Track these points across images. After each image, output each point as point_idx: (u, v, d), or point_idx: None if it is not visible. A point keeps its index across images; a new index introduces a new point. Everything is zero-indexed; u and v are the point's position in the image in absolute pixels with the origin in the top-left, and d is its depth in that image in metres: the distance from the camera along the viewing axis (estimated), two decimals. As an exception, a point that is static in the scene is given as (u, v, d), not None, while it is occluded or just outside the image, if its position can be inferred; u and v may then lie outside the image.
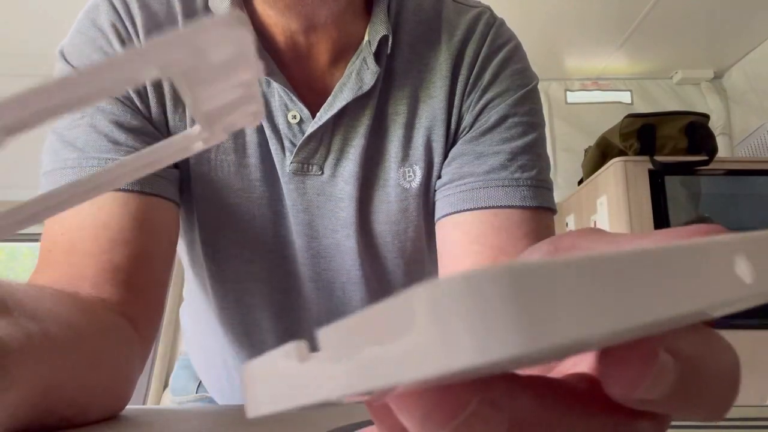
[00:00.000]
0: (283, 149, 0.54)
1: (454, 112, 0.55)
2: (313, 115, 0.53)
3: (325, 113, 0.53)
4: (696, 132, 1.94)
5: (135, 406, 0.49)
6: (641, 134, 1.94)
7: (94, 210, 0.47)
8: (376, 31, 0.53)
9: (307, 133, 0.53)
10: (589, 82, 2.66)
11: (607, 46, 2.42)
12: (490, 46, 0.56)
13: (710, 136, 1.96)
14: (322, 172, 0.55)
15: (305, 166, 0.54)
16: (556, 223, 0.58)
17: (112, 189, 0.15)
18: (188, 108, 0.15)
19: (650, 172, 1.88)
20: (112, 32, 0.51)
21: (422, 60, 0.56)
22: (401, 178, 0.55)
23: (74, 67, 0.51)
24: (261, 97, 0.17)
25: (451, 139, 0.56)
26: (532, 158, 0.54)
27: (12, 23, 2.03)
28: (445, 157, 0.56)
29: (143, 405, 1.73)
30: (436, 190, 0.56)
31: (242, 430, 0.40)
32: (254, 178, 0.55)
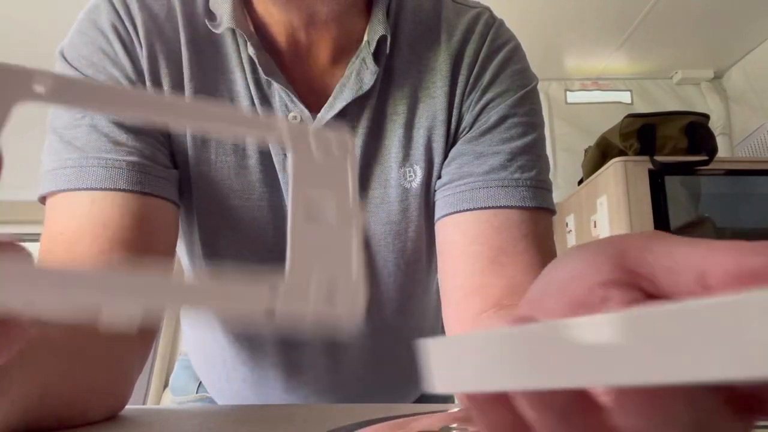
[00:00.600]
0: (283, 150, 0.54)
1: (454, 112, 0.55)
2: (314, 116, 0.53)
3: (326, 114, 0.53)
4: (696, 132, 1.94)
5: (135, 406, 0.49)
6: (641, 134, 1.94)
7: (94, 210, 0.46)
8: (375, 31, 0.53)
9: None
10: (589, 82, 2.66)
11: (606, 46, 2.42)
12: (489, 46, 0.56)
13: (710, 136, 1.97)
14: None
15: None
16: (556, 223, 0.58)
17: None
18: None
19: (650, 172, 1.88)
20: (112, 33, 0.51)
21: (422, 60, 0.56)
22: (402, 178, 0.55)
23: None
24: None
25: (451, 139, 0.56)
26: (532, 159, 0.54)
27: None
28: (446, 157, 0.56)
29: (143, 405, 1.74)
30: (436, 190, 0.56)
31: (242, 429, 0.40)
32: (254, 179, 0.55)
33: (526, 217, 0.52)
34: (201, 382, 0.75)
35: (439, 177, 0.56)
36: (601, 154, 2.06)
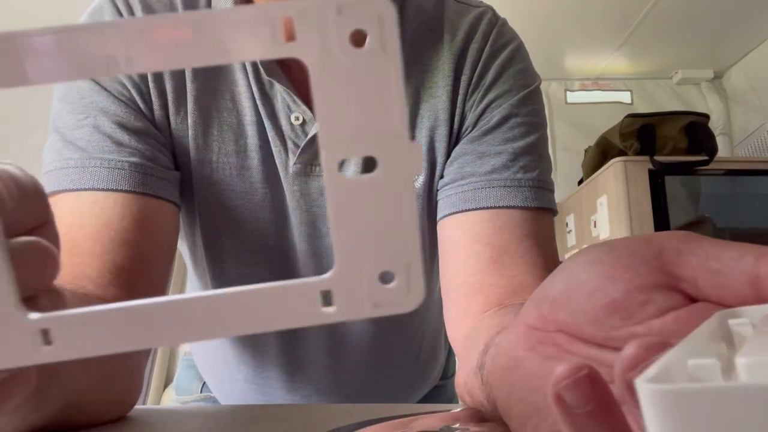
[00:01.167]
0: (286, 150, 0.54)
1: (457, 112, 0.55)
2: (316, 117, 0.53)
3: None
4: (696, 132, 1.94)
5: (135, 406, 0.49)
6: (641, 134, 1.94)
7: (96, 210, 0.47)
8: None
9: (310, 135, 0.53)
10: (589, 82, 2.66)
11: (607, 46, 2.42)
12: (492, 46, 0.56)
13: (710, 136, 1.97)
14: None
15: (309, 167, 0.55)
16: (556, 223, 0.58)
17: None
18: None
19: (650, 172, 1.88)
20: None
21: (424, 60, 0.56)
22: None
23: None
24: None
25: (453, 139, 0.56)
26: (534, 159, 0.54)
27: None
28: (448, 156, 0.56)
29: (143, 405, 1.73)
30: (438, 190, 0.56)
31: (242, 429, 0.40)
32: (256, 180, 0.55)
33: (528, 217, 0.52)
34: (205, 382, 0.76)
35: (442, 177, 0.56)
36: (601, 154, 2.07)
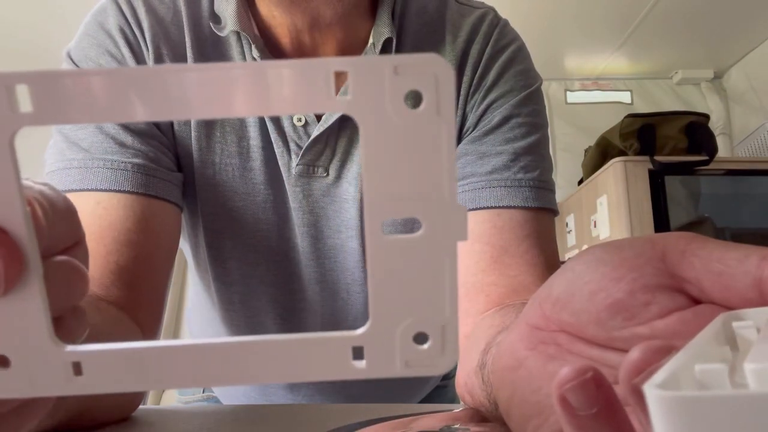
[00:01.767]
0: (288, 152, 0.54)
1: (458, 112, 0.55)
2: (318, 118, 0.53)
3: (331, 116, 0.53)
4: (696, 132, 1.94)
5: (137, 406, 0.49)
6: (641, 134, 1.94)
7: (99, 211, 0.47)
8: (380, 33, 0.53)
9: (313, 136, 0.53)
10: (589, 82, 2.66)
11: (607, 46, 2.42)
12: (494, 47, 0.56)
13: (710, 136, 1.97)
14: (328, 174, 0.55)
15: (311, 168, 0.55)
16: (557, 223, 0.58)
17: None
18: None
19: (650, 172, 1.88)
20: (120, 36, 0.51)
21: None
22: None
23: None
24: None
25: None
26: (535, 159, 0.54)
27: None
28: None
29: (143, 405, 1.73)
30: None
31: (243, 429, 0.40)
32: (258, 181, 0.55)
33: (529, 217, 0.52)
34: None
35: None
36: (601, 154, 2.07)
